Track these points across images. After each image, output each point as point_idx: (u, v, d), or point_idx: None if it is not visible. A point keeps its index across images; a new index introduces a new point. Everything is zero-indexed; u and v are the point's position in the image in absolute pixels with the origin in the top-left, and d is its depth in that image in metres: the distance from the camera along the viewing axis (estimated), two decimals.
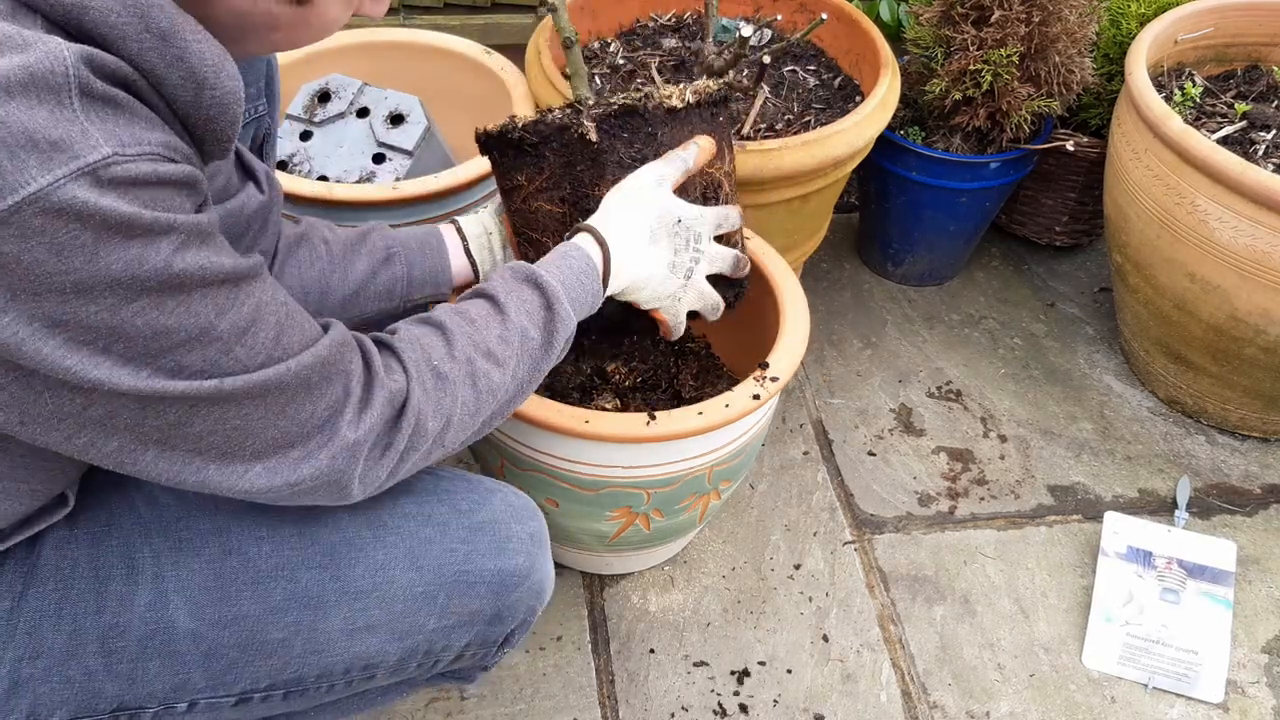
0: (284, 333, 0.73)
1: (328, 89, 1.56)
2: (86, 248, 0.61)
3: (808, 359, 1.84)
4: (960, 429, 1.75)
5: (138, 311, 0.64)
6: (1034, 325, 1.96)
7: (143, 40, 0.65)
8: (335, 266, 1.08)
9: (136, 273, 0.63)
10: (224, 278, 0.68)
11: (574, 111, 1.05)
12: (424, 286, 1.13)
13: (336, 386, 0.77)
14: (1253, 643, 1.48)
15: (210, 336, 0.68)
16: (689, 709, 1.35)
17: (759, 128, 1.59)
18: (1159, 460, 1.73)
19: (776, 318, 1.25)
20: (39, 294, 0.61)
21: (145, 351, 0.66)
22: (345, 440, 0.77)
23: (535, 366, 0.92)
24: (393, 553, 0.90)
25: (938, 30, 1.71)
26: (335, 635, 0.89)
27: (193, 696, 0.88)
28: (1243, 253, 1.48)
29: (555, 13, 1.01)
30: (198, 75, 0.68)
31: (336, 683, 0.92)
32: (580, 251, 0.97)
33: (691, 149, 1.06)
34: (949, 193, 1.82)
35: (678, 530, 1.34)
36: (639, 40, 1.77)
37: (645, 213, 1.01)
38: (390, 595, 0.89)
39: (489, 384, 0.87)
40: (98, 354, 0.64)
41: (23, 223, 0.59)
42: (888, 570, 1.53)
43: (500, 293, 0.90)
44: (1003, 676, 1.42)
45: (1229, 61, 1.84)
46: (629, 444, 1.13)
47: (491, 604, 0.93)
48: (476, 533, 0.93)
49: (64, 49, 0.60)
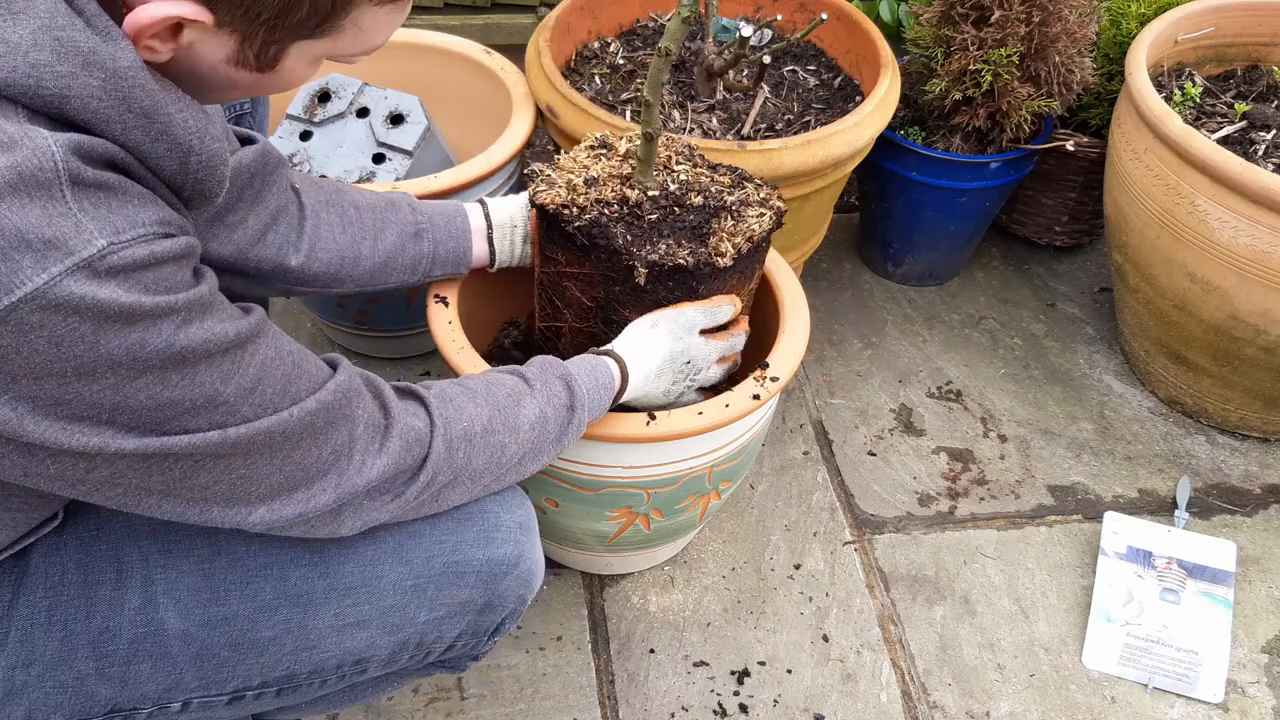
0: (291, 383, 0.74)
1: (328, 89, 1.56)
2: (86, 338, 0.61)
3: (808, 359, 1.84)
4: (960, 429, 1.75)
5: (141, 388, 0.65)
6: (1034, 325, 1.96)
7: (126, 121, 0.65)
8: (366, 234, 1.11)
9: (139, 355, 0.64)
10: (227, 345, 0.69)
11: (628, 241, 1.08)
12: (445, 265, 1.17)
13: (342, 431, 0.78)
14: (1253, 643, 1.48)
15: (216, 402, 0.69)
16: (689, 709, 1.35)
17: (759, 128, 1.59)
18: (1159, 460, 1.73)
19: (776, 318, 1.25)
20: (39, 378, 0.62)
21: (149, 421, 0.67)
22: (354, 484, 0.79)
23: (539, 455, 0.96)
24: (381, 547, 0.90)
25: (938, 30, 1.71)
26: (326, 632, 0.89)
27: (186, 696, 0.88)
28: (1243, 253, 1.48)
29: (649, 109, 1.05)
30: (183, 145, 0.68)
31: (329, 678, 0.92)
32: (607, 372, 1.03)
33: (726, 310, 1.13)
34: (949, 193, 1.82)
35: (678, 530, 1.34)
36: (639, 40, 1.77)
37: (663, 352, 1.09)
38: (379, 590, 0.90)
39: (502, 457, 0.91)
40: (100, 425, 0.65)
41: (20, 320, 0.59)
42: (888, 570, 1.53)
43: (536, 381, 0.96)
44: (1003, 677, 1.42)
45: (1229, 61, 1.84)
46: (629, 444, 1.13)
47: (482, 593, 0.94)
48: (464, 523, 0.93)
49: (50, 142, 0.60)
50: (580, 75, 1.68)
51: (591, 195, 1.10)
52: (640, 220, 1.10)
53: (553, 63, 1.55)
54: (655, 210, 1.11)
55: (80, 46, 0.62)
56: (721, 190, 1.15)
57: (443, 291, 1.22)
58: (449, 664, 1.02)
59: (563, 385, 0.97)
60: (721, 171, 1.19)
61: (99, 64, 0.63)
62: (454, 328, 1.18)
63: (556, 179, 1.13)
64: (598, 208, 1.10)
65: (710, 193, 1.14)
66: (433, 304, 1.20)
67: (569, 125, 1.49)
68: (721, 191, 1.15)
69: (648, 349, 1.08)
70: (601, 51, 1.73)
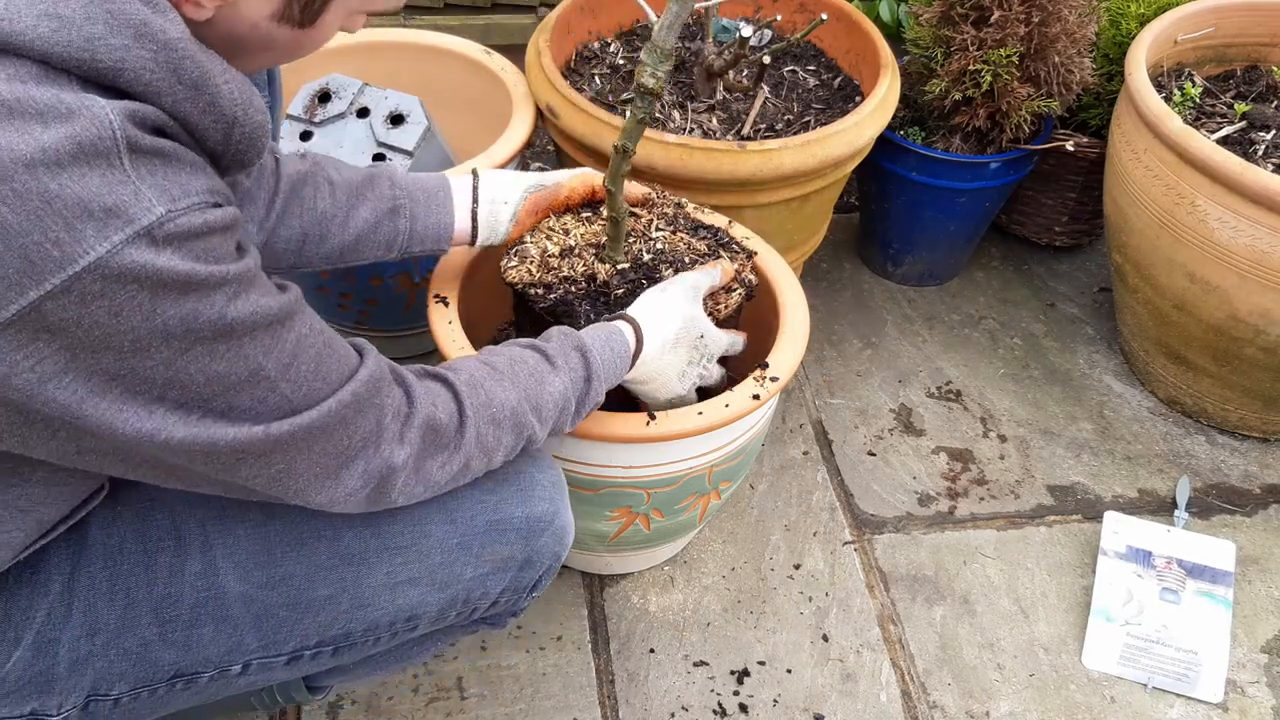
0: (323, 360, 0.76)
1: (328, 89, 1.56)
2: (143, 308, 0.62)
3: (808, 359, 1.84)
4: (960, 429, 1.75)
5: (191, 360, 0.66)
6: (1034, 325, 1.97)
7: (176, 93, 0.66)
8: (337, 211, 1.10)
9: (192, 326, 0.65)
10: (270, 320, 0.70)
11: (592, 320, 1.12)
12: (424, 241, 1.15)
13: (370, 419, 0.79)
14: (1253, 643, 1.48)
15: (259, 377, 0.70)
16: (689, 709, 1.35)
17: (759, 128, 1.59)
18: (1159, 460, 1.73)
19: (776, 318, 1.25)
20: (96, 353, 0.63)
21: (198, 397, 0.68)
22: (379, 470, 0.81)
23: (561, 429, 0.98)
24: (428, 507, 0.93)
25: (937, 30, 1.71)
26: (379, 589, 0.92)
27: (246, 658, 0.91)
28: (1243, 253, 1.48)
29: (611, 196, 1.10)
30: (228, 116, 0.69)
31: (382, 635, 0.95)
32: (622, 338, 1.03)
33: (717, 272, 1.15)
34: (949, 193, 1.82)
35: (678, 530, 1.34)
36: (639, 40, 1.77)
37: (676, 317, 1.08)
38: (428, 548, 0.93)
39: (531, 435, 0.93)
40: (152, 403, 0.66)
41: (83, 290, 0.60)
42: (888, 570, 1.53)
43: (557, 356, 0.97)
44: (1002, 676, 1.42)
45: (1229, 61, 1.85)
46: (629, 444, 1.13)
47: (522, 549, 0.97)
48: (503, 483, 0.97)
49: (107, 110, 0.61)
50: (580, 75, 1.69)
51: (562, 271, 1.15)
52: (607, 296, 1.14)
53: (553, 63, 1.55)
54: (623, 285, 1.14)
55: (132, 19, 0.63)
56: (695, 260, 1.18)
57: (443, 291, 1.22)
58: (491, 620, 1.05)
59: (579, 357, 0.99)
60: (702, 235, 1.23)
61: (150, 36, 0.63)
62: (454, 328, 1.18)
63: (531, 251, 1.17)
64: (564, 285, 1.14)
65: (683, 264, 1.17)
66: (433, 304, 1.20)
67: (569, 125, 1.49)
68: (694, 262, 1.18)
69: (663, 312, 1.07)
70: (601, 52, 1.74)
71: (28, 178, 0.58)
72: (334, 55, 1.67)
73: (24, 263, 0.59)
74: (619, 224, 1.12)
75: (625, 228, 1.14)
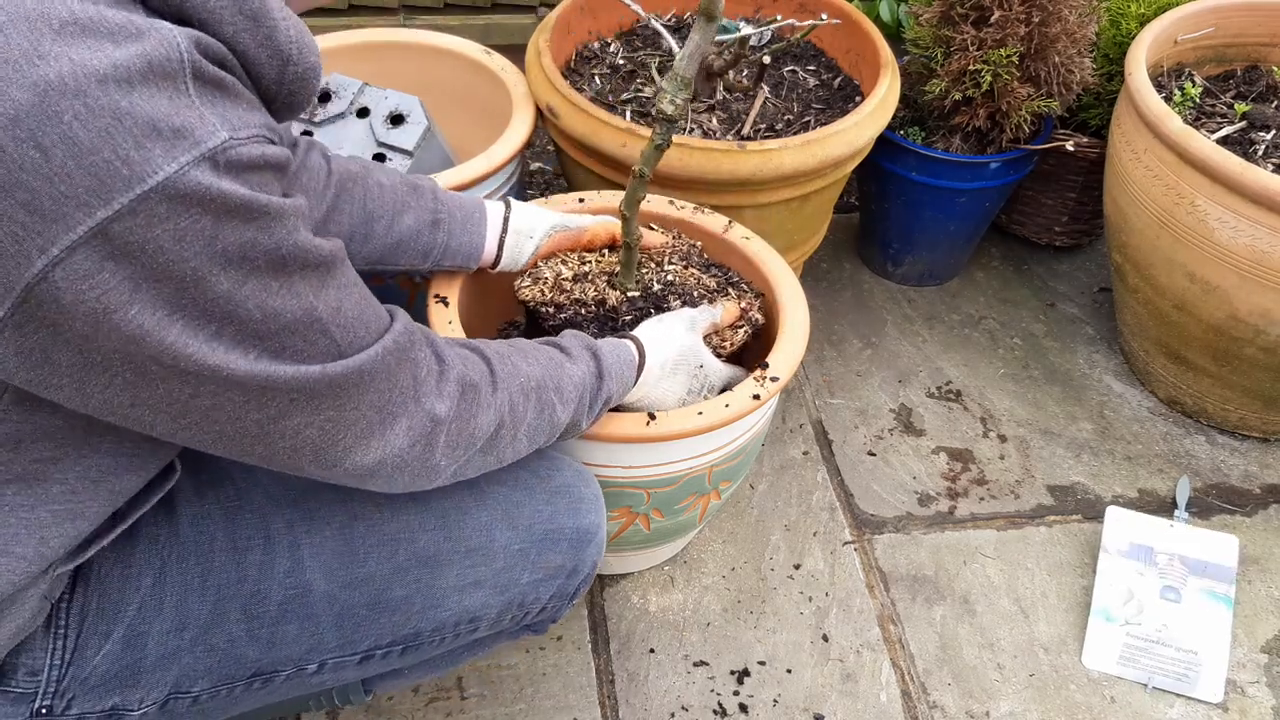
0: (364, 310, 0.76)
1: (328, 89, 1.56)
2: (205, 233, 0.61)
3: (808, 359, 1.84)
4: (960, 429, 1.75)
5: (249, 294, 0.65)
6: (1034, 325, 1.97)
7: (237, 23, 0.66)
8: (384, 213, 1.13)
9: (249, 254, 0.64)
10: (320, 260, 0.70)
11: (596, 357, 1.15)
12: (455, 257, 1.19)
13: (406, 373, 0.80)
14: (1253, 642, 1.48)
15: (312, 317, 0.70)
16: (689, 709, 1.35)
17: (759, 128, 1.59)
18: (1159, 460, 1.73)
19: (776, 318, 1.25)
20: (160, 281, 0.61)
21: (255, 334, 0.67)
22: (424, 425, 0.81)
23: (579, 420, 1.00)
24: (493, 513, 0.98)
25: (937, 30, 1.71)
26: (449, 591, 0.96)
27: (324, 657, 0.93)
28: (1243, 253, 1.48)
29: (626, 222, 1.14)
30: (284, 53, 0.69)
31: (446, 635, 0.99)
32: (628, 349, 1.06)
33: (719, 308, 1.19)
34: (949, 193, 1.82)
35: (678, 530, 1.34)
36: (639, 40, 1.77)
37: (675, 343, 1.11)
38: (494, 552, 0.98)
39: (553, 416, 0.95)
40: (212, 338, 0.65)
41: (150, 210, 0.59)
42: (888, 570, 1.53)
43: (572, 349, 1.00)
44: (1002, 676, 1.42)
45: (1229, 62, 1.85)
46: (629, 444, 1.13)
47: (571, 558, 1.02)
48: (556, 495, 1.02)
49: (176, 34, 0.61)
50: (580, 75, 1.69)
51: (574, 294, 1.19)
52: (615, 321, 1.18)
53: (553, 63, 1.55)
54: (631, 312, 1.18)
55: None
56: (703, 296, 1.22)
57: (443, 291, 1.22)
58: (534, 627, 1.08)
59: (591, 355, 1.01)
60: (713, 273, 1.27)
61: None
62: (454, 328, 1.18)
63: (546, 274, 1.21)
64: (575, 306, 1.18)
65: (692, 298, 1.21)
66: (433, 304, 1.20)
67: (569, 125, 1.49)
68: (702, 298, 1.22)
69: (663, 337, 1.11)
70: (601, 51, 1.74)
71: (100, 93, 0.57)
72: (334, 55, 1.67)
73: (93, 180, 0.58)
74: (632, 250, 1.16)
75: (638, 254, 1.18)
